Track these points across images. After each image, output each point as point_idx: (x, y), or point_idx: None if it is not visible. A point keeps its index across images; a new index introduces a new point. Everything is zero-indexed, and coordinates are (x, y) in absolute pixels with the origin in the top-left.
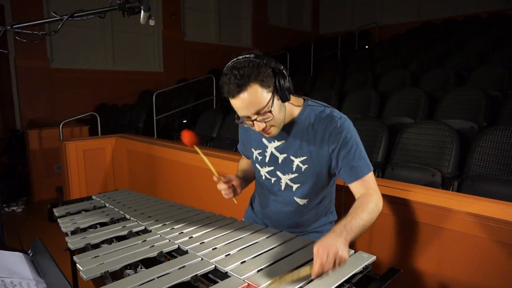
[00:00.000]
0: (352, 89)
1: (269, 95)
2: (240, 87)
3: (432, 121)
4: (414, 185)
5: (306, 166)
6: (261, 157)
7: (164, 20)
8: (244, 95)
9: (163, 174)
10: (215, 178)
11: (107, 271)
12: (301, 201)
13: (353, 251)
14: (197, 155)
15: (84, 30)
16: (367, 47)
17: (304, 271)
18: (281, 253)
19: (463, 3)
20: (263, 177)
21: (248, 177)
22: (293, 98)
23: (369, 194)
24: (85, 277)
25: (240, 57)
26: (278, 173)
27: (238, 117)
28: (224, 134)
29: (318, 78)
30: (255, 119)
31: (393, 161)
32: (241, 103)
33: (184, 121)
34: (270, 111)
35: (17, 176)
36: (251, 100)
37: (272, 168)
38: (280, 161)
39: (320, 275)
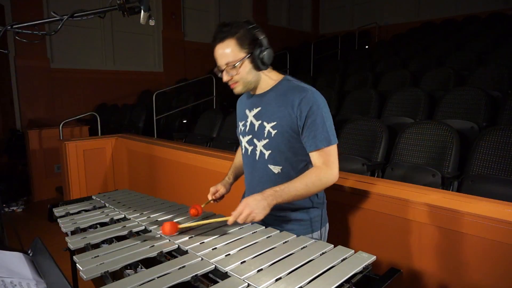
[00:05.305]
0: (352, 89)
1: (242, 55)
2: (220, 39)
3: (432, 121)
4: (414, 185)
5: (276, 131)
6: (243, 128)
7: (164, 20)
8: (221, 45)
9: (163, 174)
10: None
11: (107, 271)
12: (274, 169)
13: (352, 251)
14: (197, 155)
15: (84, 30)
16: (367, 47)
17: (222, 218)
18: (281, 253)
19: (463, 3)
20: (244, 149)
21: (239, 171)
22: (273, 73)
23: (317, 168)
24: (85, 277)
25: (238, 20)
26: (255, 140)
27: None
28: (224, 134)
29: (318, 78)
30: (223, 70)
31: (393, 161)
32: (217, 52)
33: (184, 121)
34: (235, 67)
35: (17, 176)
36: (224, 52)
37: (250, 136)
38: (256, 128)
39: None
